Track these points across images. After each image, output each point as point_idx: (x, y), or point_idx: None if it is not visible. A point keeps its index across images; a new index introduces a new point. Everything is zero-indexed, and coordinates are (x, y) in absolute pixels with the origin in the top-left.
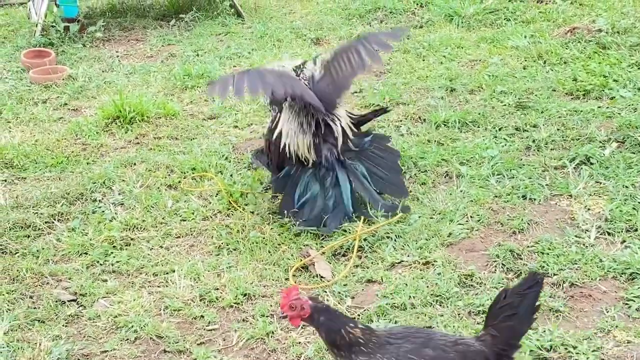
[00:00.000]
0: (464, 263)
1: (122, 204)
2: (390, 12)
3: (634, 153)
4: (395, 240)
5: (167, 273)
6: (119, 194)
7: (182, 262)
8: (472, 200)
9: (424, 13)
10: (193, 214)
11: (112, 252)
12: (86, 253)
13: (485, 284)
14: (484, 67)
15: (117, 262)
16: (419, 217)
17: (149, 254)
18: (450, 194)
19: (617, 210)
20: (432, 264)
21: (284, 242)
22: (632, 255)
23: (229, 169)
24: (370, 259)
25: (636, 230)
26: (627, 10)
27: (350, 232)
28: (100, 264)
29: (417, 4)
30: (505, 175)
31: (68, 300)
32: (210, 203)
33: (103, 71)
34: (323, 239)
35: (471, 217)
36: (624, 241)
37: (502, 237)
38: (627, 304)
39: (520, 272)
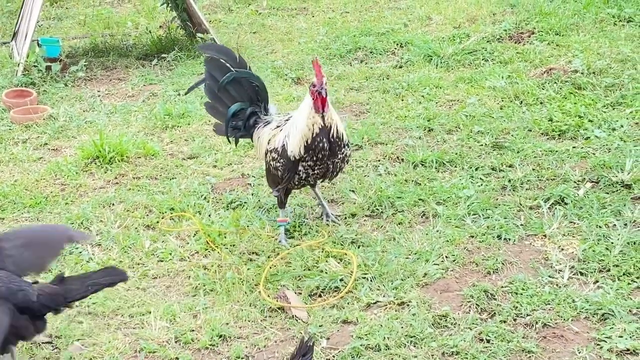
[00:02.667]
0: (438, 303)
1: (99, 245)
2: (371, 52)
3: (608, 193)
4: (371, 281)
5: (143, 314)
6: (97, 234)
7: (159, 303)
8: (447, 240)
9: (403, 53)
10: (170, 254)
11: None
12: None
13: (459, 325)
14: (461, 107)
15: (93, 303)
16: (395, 257)
17: (125, 295)
18: (427, 234)
19: (590, 250)
20: (407, 305)
21: (260, 283)
22: (604, 295)
23: (208, 209)
24: (347, 300)
25: (609, 270)
26: (603, 51)
27: (326, 273)
28: (76, 306)
29: (397, 44)
30: (481, 215)
31: (43, 342)
32: (188, 243)
33: (84, 111)
34: (300, 279)
35: (446, 257)
36: (597, 281)
37: (476, 277)
38: (598, 344)
39: (494, 313)
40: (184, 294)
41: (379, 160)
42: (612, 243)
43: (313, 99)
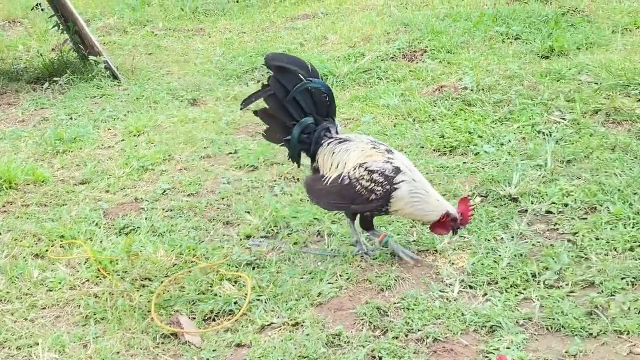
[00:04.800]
0: (332, 323)
1: None
2: (267, 73)
3: (496, 207)
4: (266, 303)
5: (31, 347)
6: None
7: (47, 334)
8: (342, 259)
9: None
10: (60, 283)
11: None
12: None
13: (352, 343)
14: (356, 125)
15: None
16: (290, 277)
17: (12, 327)
18: (322, 255)
19: (479, 264)
20: (302, 325)
21: (152, 309)
22: (492, 308)
23: (99, 236)
24: (241, 323)
25: (497, 283)
26: (492, 68)
27: (221, 296)
28: None
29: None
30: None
31: None
32: (78, 272)
33: None
34: (194, 304)
35: (341, 275)
36: (486, 294)
37: (370, 295)
38: (487, 357)
39: (387, 329)
40: (74, 323)
41: (275, 181)
42: (500, 256)
43: (444, 225)
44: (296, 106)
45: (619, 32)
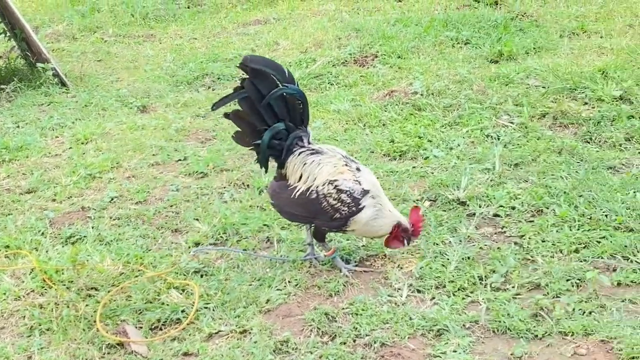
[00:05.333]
0: (280, 329)
1: None
2: (218, 79)
3: (445, 211)
4: (213, 310)
5: None
6: None
7: None
8: (291, 265)
9: None
10: (5, 294)
11: None
12: None
13: (300, 349)
14: None
15: None
16: (239, 284)
17: None
18: (271, 260)
19: (427, 267)
20: (249, 332)
21: (97, 318)
22: (439, 311)
23: (45, 245)
24: (188, 331)
25: (444, 286)
26: (442, 72)
27: (167, 305)
28: None
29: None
30: None
31: None
32: (23, 282)
33: None
34: (140, 313)
35: (289, 282)
36: (433, 298)
37: (318, 301)
38: None
39: (335, 335)
40: (18, 334)
41: (224, 187)
42: (448, 259)
43: (396, 237)
44: (269, 111)
45: (566, 36)
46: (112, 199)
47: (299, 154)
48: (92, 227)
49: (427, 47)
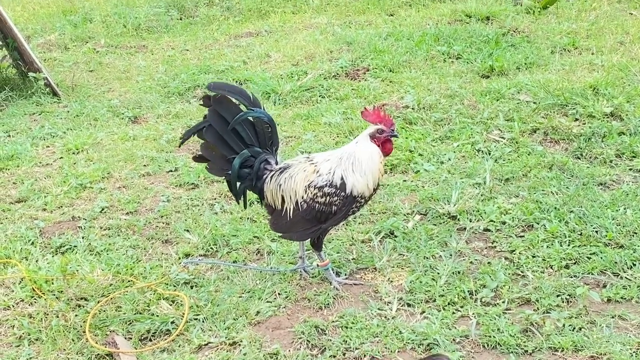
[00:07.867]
0: (270, 341)
1: None
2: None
3: (435, 225)
4: (203, 322)
5: None
6: None
7: None
8: (281, 277)
9: None
10: None
11: None
12: None
13: None
14: (298, 143)
15: None
16: (229, 296)
17: None
18: (261, 272)
19: (417, 281)
20: (239, 344)
21: (86, 329)
22: (429, 325)
23: (35, 255)
24: (178, 342)
25: (434, 300)
26: (433, 86)
27: (157, 316)
28: None
29: (237, 82)
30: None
31: None
32: (12, 291)
33: None
34: (130, 323)
35: (279, 294)
36: (423, 312)
37: (308, 313)
38: None
39: (325, 348)
40: (7, 344)
41: (215, 199)
42: (438, 274)
43: (380, 144)
44: (236, 137)
45: (557, 52)
46: (102, 209)
47: (271, 179)
48: (83, 237)
49: (418, 61)
